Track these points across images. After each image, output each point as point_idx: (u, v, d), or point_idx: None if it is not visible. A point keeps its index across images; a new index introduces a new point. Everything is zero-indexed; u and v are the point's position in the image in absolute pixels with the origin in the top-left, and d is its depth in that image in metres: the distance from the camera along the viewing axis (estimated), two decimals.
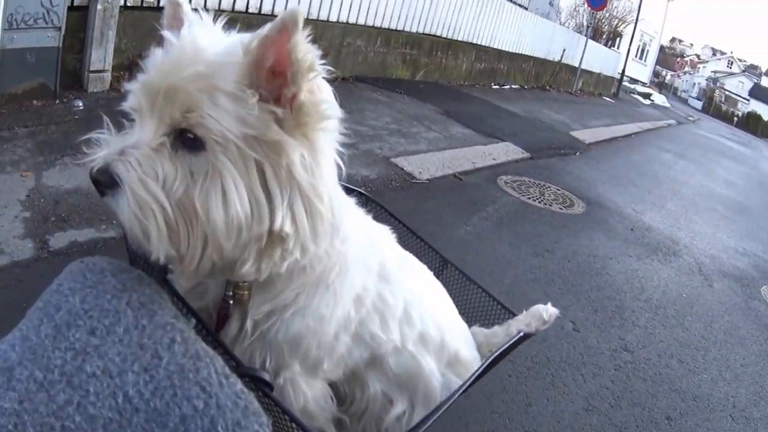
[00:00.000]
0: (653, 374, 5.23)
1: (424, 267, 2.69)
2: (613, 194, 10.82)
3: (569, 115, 19.60)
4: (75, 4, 8.68)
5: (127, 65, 9.66)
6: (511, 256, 6.63)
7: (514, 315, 2.76)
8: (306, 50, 1.49)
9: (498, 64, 22.07)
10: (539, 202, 8.88)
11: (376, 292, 2.18)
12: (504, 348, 2.37)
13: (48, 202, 5.50)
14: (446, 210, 7.45)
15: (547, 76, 26.61)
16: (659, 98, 48.90)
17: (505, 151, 11.30)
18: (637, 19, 40.49)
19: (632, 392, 4.84)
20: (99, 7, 8.75)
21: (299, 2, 12.58)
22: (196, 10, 1.80)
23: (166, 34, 1.67)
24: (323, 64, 1.58)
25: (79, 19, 8.83)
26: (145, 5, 9.87)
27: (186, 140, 1.57)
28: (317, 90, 1.59)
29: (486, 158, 10.41)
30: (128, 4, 9.52)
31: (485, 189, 8.85)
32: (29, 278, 4.38)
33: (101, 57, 9.02)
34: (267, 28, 1.47)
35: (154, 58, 1.69)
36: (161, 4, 8.34)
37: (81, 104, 8.33)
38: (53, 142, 6.91)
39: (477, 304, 2.96)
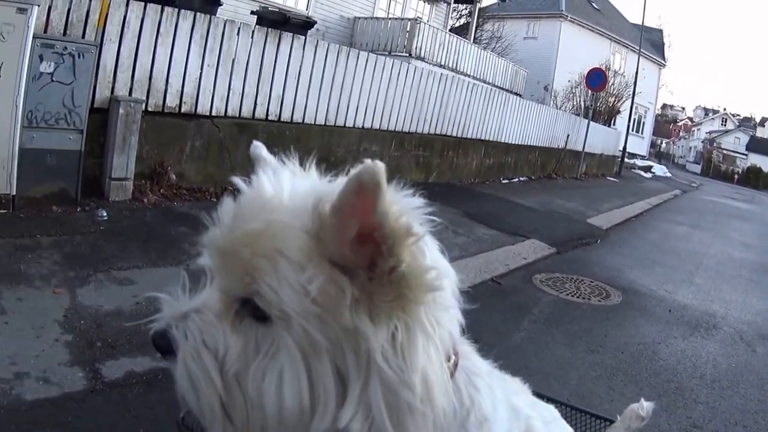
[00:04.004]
0: None
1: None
2: (643, 278, 11.12)
3: (581, 201, 19.97)
4: (95, 105, 8.66)
5: (149, 174, 9.65)
6: (570, 357, 6.93)
7: (612, 421, 2.68)
8: (398, 213, 1.20)
9: (506, 157, 22.44)
10: (578, 297, 9.24)
11: None
12: None
13: (89, 325, 5.35)
14: (495, 317, 7.73)
15: (553, 164, 26.90)
16: (659, 169, 49.16)
17: (532, 249, 11.68)
18: (633, 93, 40.71)
19: None
20: (121, 111, 8.77)
21: (316, 112, 13.08)
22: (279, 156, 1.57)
23: (236, 180, 1.46)
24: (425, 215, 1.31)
25: (100, 122, 8.80)
26: (166, 111, 9.94)
27: (254, 308, 1.33)
28: (420, 255, 1.28)
29: (517, 258, 10.77)
30: (149, 109, 9.55)
31: (525, 291, 9.18)
32: (87, 414, 4.20)
33: (123, 164, 8.96)
34: (341, 191, 1.20)
35: (222, 209, 1.44)
36: (183, 111, 9.15)
37: (105, 214, 8.24)
38: (82, 255, 6.85)
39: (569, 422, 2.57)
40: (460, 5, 35.16)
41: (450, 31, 30.12)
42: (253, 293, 1.30)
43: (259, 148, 1.59)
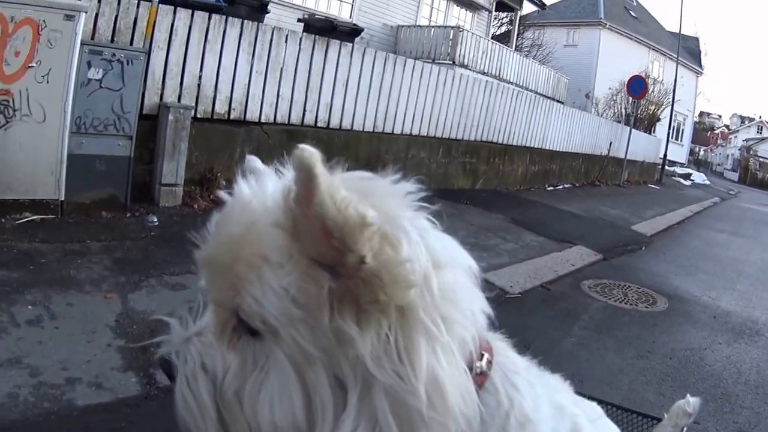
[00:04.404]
0: None
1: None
2: (688, 285, 11.08)
3: (624, 208, 19.99)
4: (144, 112, 8.71)
5: (199, 180, 9.68)
6: (620, 363, 6.91)
7: (659, 420, 2.61)
8: (344, 202, 1.09)
9: (550, 164, 22.49)
10: (626, 304, 9.21)
11: None
12: None
13: (142, 330, 5.28)
14: (547, 323, 7.79)
15: (596, 171, 26.89)
16: (698, 176, 48.78)
17: (579, 256, 11.68)
18: (673, 101, 40.59)
19: None
20: (171, 117, 8.83)
21: (365, 118, 13.19)
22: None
23: (221, 193, 1.38)
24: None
25: (149, 129, 8.86)
26: (215, 117, 10.00)
27: (246, 323, 1.26)
28: (392, 247, 1.13)
29: (565, 265, 10.79)
30: (198, 115, 9.61)
31: (574, 297, 9.20)
32: (141, 420, 4.16)
33: (173, 170, 9.00)
34: (294, 179, 1.12)
35: (210, 222, 1.36)
36: (232, 117, 9.26)
37: (155, 220, 8.26)
38: (132, 260, 6.84)
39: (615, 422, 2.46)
40: (500, 13, 35.12)
41: (492, 38, 30.05)
42: (236, 306, 1.25)
43: (253, 161, 1.49)
